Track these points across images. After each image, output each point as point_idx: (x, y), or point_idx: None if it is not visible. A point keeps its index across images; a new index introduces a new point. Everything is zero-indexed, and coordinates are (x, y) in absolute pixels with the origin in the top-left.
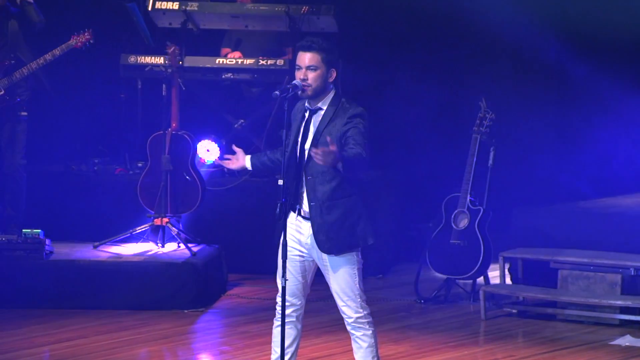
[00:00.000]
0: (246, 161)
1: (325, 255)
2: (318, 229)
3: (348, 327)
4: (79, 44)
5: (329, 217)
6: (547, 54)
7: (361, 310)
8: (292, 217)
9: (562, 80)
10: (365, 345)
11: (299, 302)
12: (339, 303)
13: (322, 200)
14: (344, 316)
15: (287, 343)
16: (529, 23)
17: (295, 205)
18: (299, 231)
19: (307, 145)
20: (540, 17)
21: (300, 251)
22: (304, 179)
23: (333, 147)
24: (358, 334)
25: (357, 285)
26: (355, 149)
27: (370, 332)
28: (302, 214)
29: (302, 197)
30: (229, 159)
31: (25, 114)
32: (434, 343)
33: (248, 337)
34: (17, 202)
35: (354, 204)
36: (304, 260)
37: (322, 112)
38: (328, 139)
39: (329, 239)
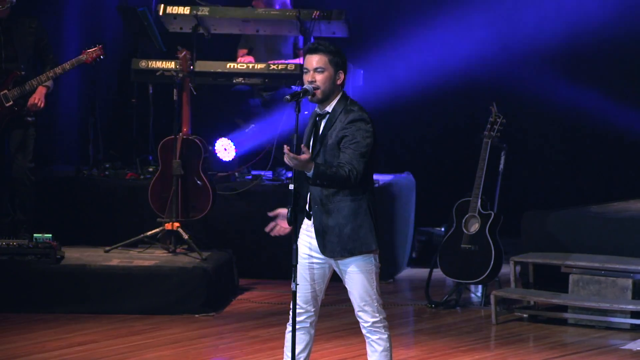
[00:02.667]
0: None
1: (342, 260)
2: (318, 232)
3: (364, 331)
4: (90, 59)
5: (328, 220)
6: (557, 58)
7: (377, 315)
8: (306, 222)
9: (573, 83)
10: (380, 349)
11: (312, 309)
12: (356, 308)
13: (322, 203)
14: (360, 320)
15: (299, 349)
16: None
17: (307, 211)
18: (312, 236)
19: (314, 152)
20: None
21: (313, 257)
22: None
23: (304, 157)
24: (374, 337)
25: (375, 290)
26: (344, 168)
27: (386, 336)
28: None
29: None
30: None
31: (32, 118)
32: (445, 348)
33: (259, 342)
34: (26, 206)
35: (356, 208)
36: (318, 266)
37: (328, 115)
38: (303, 148)
39: (329, 243)
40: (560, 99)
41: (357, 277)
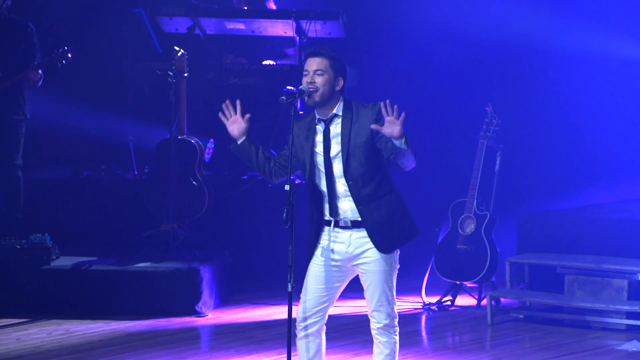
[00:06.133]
0: (241, 134)
1: (368, 260)
2: (373, 231)
3: (373, 332)
4: (57, 61)
5: (378, 217)
6: (551, 58)
7: (391, 317)
8: (326, 229)
9: (568, 84)
10: (387, 351)
11: (320, 314)
12: (371, 307)
13: (367, 202)
14: (372, 320)
15: (311, 354)
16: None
17: (329, 218)
18: (335, 241)
19: (333, 153)
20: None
21: (335, 261)
22: (344, 186)
23: (400, 119)
24: (382, 339)
25: (393, 292)
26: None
27: (395, 340)
28: (342, 224)
29: (337, 207)
30: (228, 115)
31: (21, 117)
32: (440, 348)
33: (255, 342)
34: (15, 204)
35: (395, 199)
36: (337, 272)
37: (340, 119)
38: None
39: (386, 238)
40: (558, 98)
41: (378, 276)
